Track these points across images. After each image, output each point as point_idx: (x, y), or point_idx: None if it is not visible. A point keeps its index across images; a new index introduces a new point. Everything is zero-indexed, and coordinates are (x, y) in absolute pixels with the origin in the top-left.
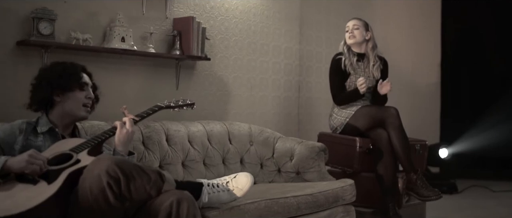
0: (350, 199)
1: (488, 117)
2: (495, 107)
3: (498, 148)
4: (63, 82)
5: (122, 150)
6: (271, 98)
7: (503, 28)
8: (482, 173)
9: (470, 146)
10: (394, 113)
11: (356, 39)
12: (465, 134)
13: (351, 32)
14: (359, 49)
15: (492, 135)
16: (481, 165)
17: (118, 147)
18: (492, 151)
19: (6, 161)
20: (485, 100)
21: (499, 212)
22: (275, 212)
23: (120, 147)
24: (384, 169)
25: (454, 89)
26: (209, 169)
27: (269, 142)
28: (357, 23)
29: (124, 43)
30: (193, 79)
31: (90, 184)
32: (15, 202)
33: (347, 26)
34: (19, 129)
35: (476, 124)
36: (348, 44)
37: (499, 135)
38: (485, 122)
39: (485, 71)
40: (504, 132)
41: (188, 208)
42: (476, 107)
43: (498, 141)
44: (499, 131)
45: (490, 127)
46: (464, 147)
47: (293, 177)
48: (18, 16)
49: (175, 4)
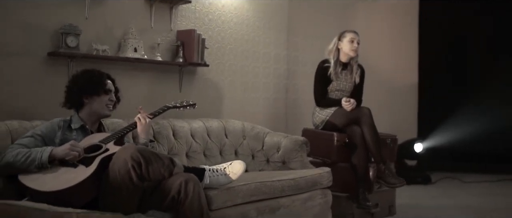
0: (327, 184)
1: (461, 115)
2: (467, 105)
3: (469, 143)
4: (91, 88)
5: (145, 137)
6: (262, 99)
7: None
8: (455, 166)
9: (444, 141)
10: (367, 112)
11: (357, 53)
12: (439, 130)
13: (356, 45)
14: (346, 60)
15: (464, 131)
16: (454, 158)
17: (141, 135)
18: (464, 146)
19: (52, 150)
20: (458, 100)
21: (465, 199)
22: (263, 193)
23: (143, 135)
24: (357, 160)
25: (430, 89)
26: (208, 159)
27: (259, 137)
28: (359, 38)
29: (136, 53)
30: (194, 83)
31: (118, 167)
32: (60, 181)
33: (352, 38)
34: (57, 126)
35: (449, 121)
36: (351, 56)
37: (470, 131)
38: (457, 119)
39: (459, 73)
40: (475, 128)
41: (194, 187)
42: (450, 106)
43: (470, 136)
44: (470, 127)
45: (462, 123)
46: (438, 142)
47: (280, 166)
48: (49, 31)
49: (178, 18)
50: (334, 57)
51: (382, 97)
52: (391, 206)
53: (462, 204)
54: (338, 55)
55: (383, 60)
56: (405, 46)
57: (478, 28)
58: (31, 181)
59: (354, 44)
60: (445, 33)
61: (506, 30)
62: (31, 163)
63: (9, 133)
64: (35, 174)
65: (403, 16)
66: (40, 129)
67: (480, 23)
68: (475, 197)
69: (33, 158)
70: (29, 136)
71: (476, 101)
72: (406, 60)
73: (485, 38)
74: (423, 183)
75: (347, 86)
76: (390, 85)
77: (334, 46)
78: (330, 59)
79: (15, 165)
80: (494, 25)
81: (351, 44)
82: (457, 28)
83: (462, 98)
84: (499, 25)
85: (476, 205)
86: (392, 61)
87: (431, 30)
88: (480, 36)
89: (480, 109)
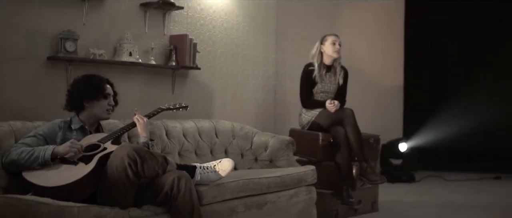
0: (312, 181)
1: (445, 115)
2: (451, 106)
3: (453, 142)
4: (91, 93)
5: (146, 135)
6: (251, 100)
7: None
8: (439, 165)
9: (428, 140)
10: (350, 113)
11: (340, 54)
12: (424, 130)
13: (338, 47)
14: (329, 62)
15: (448, 130)
16: (438, 157)
17: (142, 134)
18: (448, 145)
19: (54, 148)
20: (443, 100)
21: (447, 196)
22: (250, 189)
23: (144, 133)
24: (341, 159)
25: (415, 90)
26: (199, 157)
27: (248, 136)
28: (340, 40)
29: (131, 57)
30: (186, 85)
31: (116, 164)
32: (62, 177)
33: (334, 41)
34: (58, 126)
35: (434, 121)
36: (334, 57)
37: (454, 130)
38: (442, 119)
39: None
40: (459, 127)
41: (186, 183)
42: (435, 106)
43: (454, 136)
44: (454, 127)
45: (446, 123)
46: (422, 142)
47: (267, 164)
48: (48, 37)
49: (171, 24)
50: (318, 61)
51: (368, 98)
52: (374, 202)
53: (443, 201)
54: (321, 59)
55: (370, 61)
56: (391, 47)
57: (462, 28)
58: (34, 177)
59: (336, 46)
60: (430, 33)
61: (489, 30)
62: (34, 160)
63: (12, 132)
64: (38, 171)
65: (388, 18)
66: (42, 129)
67: (464, 23)
68: (457, 194)
69: (37, 156)
70: (32, 136)
71: (460, 101)
72: (392, 61)
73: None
74: (407, 181)
75: (332, 88)
76: (376, 86)
77: (317, 50)
78: (314, 62)
79: (19, 163)
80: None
81: (333, 46)
82: (441, 29)
83: (446, 98)
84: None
85: (457, 201)
86: (378, 63)
87: (417, 30)
88: (464, 36)
89: (464, 108)
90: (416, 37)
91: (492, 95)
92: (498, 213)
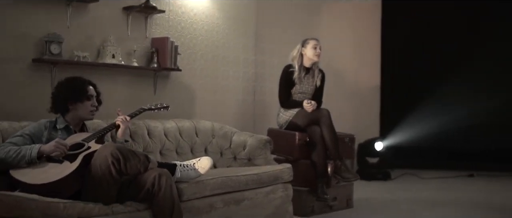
0: (288, 179)
1: (420, 115)
2: (425, 106)
3: (428, 141)
4: (75, 96)
5: (122, 138)
6: (231, 101)
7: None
8: (415, 163)
9: (404, 139)
10: (326, 114)
11: (319, 58)
12: (400, 129)
13: (319, 51)
14: (309, 65)
15: (423, 129)
16: (414, 156)
17: (120, 137)
18: (423, 144)
19: (40, 147)
20: (418, 101)
21: (420, 193)
22: (229, 186)
23: (122, 136)
24: (317, 157)
25: (392, 90)
26: (180, 156)
27: (227, 136)
28: (320, 44)
29: (114, 59)
30: (167, 86)
31: (99, 162)
32: (48, 175)
33: (315, 45)
34: (44, 126)
35: (410, 121)
36: (314, 61)
37: (429, 130)
38: (417, 118)
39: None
40: (433, 127)
41: (167, 180)
42: (411, 106)
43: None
44: (429, 126)
45: (421, 122)
46: (398, 140)
47: (246, 162)
48: (34, 40)
49: (153, 27)
50: (298, 63)
51: (346, 98)
52: (349, 199)
53: (417, 198)
54: (301, 61)
55: (347, 62)
56: (368, 48)
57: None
58: (22, 175)
59: (317, 50)
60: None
61: (464, 31)
62: (21, 158)
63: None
64: (25, 169)
65: (366, 19)
66: (29, 129)
67: (440, 24)
68: (430, 191)
69: (24, 154)
70: (18, 135)
71: (434, 101)
72: (369, 62)
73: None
74: (383, 179)
75: (309, 89)
76: (354, 86)
77: (298, 52)
78: (294, 64)
79: (6, 161)
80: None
81: (314, 50)
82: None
83: (422, 98)
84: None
85: (430, 198)
86: (355, 64)
87: (393, 31)
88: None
89: (438, 108)
90: (393, 37)
91: (465, 95)
92: (469, 209)
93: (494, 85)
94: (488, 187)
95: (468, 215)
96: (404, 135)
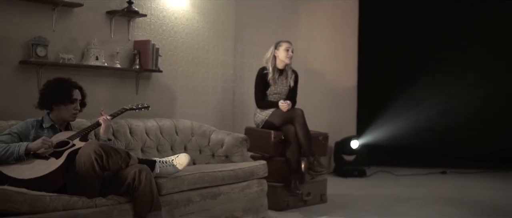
0: (263, 174)
1: (395, 114)
2: (400, 106)
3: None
4: (59, 98)
5: (105, 136)
6: (211, 101)
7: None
8: (390, 161)
9: (380, 137)
10: (300, 113)
11: (291, 60)
12: (376, 128)
13: (291, 53)
14: (282, 66)
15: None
16: (389, 153)
17: (103, 135)
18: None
19: (28, 144)
20: (393, 101)
21: (392, 189)
22: (206, 181)
23: (104, 135)
24: (291, 154)
25: (368, 91)
26: (161, 153)
27: (206, 134)
28: (293, 47)
29: (97, 61)
30: (149, 87)
31: (83, 159)
32: (35, 171)
33: (288, 47)
34: (31, 125)
35: (385, 119)
36: (286, 63)
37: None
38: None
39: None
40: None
41: (146, 175)
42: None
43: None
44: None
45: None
46: (374, 139)
47: (223, 159)
48: (20, 42)
49: (135, 30)
50: (272, 65)
51: (323, 98)
52: (323, 194)
53: (390, 194)
54: (275, 63)
55: (325, 62)
56: (345, 48)
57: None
58: (10, 171)
59: (289, 53)
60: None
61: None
62: (10, 155)
63: None
64: (14, 165)
65: (343, 19)
66: (16, 128)
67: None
68: (403, 187)
69: (12, 151)
70: (6, 134)
71: (409, 101)
72: (346, 62)
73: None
74: (359, 176)
75: (284, 90)
76: (331, 86)
77: (271, 54)
78: (268, 66)
79: None
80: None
81: (287, 52)
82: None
83: (397, 98)
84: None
85: (402, 194)
86: (333, 64)
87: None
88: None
89: (412, 108)
90: (370, 38)
91: (438, 95)
92: (440, 204)
93: (464, 85)
94: (460, 184)
95: (439, 209)
96: (379, 134)
